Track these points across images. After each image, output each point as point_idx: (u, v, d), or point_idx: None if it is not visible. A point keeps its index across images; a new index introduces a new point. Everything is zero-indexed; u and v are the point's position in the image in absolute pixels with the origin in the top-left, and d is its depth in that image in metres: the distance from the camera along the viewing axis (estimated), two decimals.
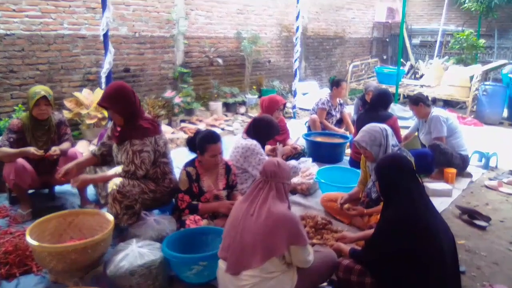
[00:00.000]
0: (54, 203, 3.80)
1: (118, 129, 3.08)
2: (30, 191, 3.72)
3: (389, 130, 3.35)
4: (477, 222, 3.72)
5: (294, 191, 4.18)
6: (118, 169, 2.99)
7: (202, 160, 3.17)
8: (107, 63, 4.69)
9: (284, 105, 4.82)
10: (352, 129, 6.16)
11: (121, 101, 2.95)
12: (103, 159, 3.28)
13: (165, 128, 6.32)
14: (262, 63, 8.97)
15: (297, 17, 7.44)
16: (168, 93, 6.63)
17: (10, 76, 5.14)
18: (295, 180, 4.21)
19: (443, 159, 4.63)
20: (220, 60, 7.49)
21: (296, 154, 4.77)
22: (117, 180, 2.89)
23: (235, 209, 2.39)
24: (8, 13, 5.00)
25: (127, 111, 2.98)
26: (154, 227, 2.86)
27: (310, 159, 4.68)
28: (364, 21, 12.19)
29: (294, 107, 8.03)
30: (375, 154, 3.27)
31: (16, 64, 5.16)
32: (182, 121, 6.91)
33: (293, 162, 3.96)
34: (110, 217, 2.76)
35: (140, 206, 3.02)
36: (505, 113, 8.05)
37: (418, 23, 13.61)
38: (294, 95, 8.06)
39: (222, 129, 6.81)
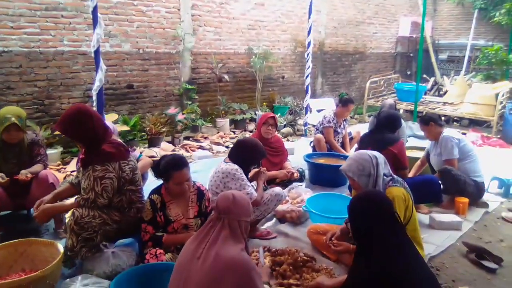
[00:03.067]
0: (29, 226, 3.64)
1: (83, 153, 2.88)
2: (4, 212, 3.58)
3: (381, 158, 2.98)
4: (486, 263, 3.25)
5: (283, 220, 3.87)
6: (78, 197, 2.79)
7: (168, 187, 2.92)
8: (98, 80, 4.56)
9: (273, 118, 4.54)
10: (349, 149, 5.81)
11: (76, 127, 2.72)
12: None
13: (165, 145, 6.17)
14: (275, 79, 8.73)
15: (309, 32, 7.17)
16: (171, 110, 6.49)
17: (7, 93, 5.13)
18: (284, 207, 3.89)
19: (455, 186, 4.19)
20: (226, 76, 7.30)
21: (293, 180, 4.49)
22: (76, 210, 2.69)
23: (183, 250, 2.12)
24: (6, 30, 5.01)
25: (84, 137, 2.76)
26: (109, 262, 2.62)
27: (303, 184, 4.36)
28: (387, 35, 11.77)
29: (306, 124, 7.72)
30: (364, 185, 2.91)
31: (13, 81, 5.15)
32: (186, 138, 6.75)
33: (277, 189, 3.62)
34: (61, 249, 2.55)
35: (102, 238, 2.80)
36: None
37: (446, 37, 13.03)
38: (306, 112, 7.74)
39: (227, 147, 6.57)
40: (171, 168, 2.81)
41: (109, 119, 5.59)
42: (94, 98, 4.65)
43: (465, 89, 8.69)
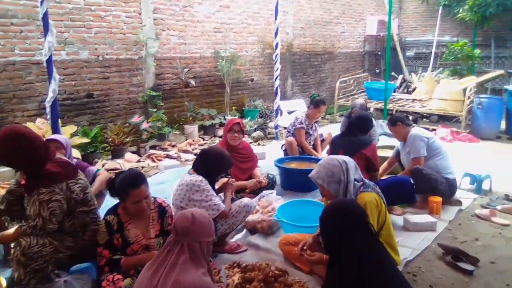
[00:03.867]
0: None
1: (24, 177, 2.56)
2: None
3: (351, 163, 2.85)
4: (463, 265, 3.16)
5: (253, 231, 3.68)
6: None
7: (125, 206, 2.68)
8: (51, 91, 4.28)
9: (239, 124, 4.36)
10: (320, 151, 5.70)
11: (12, 153, 2.42)
12: (13, 211, 2.79)
13: (130, 156, 5.88)
14: (244, 82, 8.55)
15: (276, 34, 7.03)
16: (135, 119, 6.20)
17: None
18: (254, 217, 3.71)
19: (427, 185, 4.11)
20: (193, 81, 7.08)
21: (263, 188, 4.31)
22: (23, 240, 2.42)
23: (138, 279, 1.91)
24: None
25: (23, 162, 2.46)
26: None
27: (274, 192, 4.19)
28: (354, 35, 11.79)
29: (276, 127, 7.56)
30: (334, 192, 2.77)
31: None
32: (153, 147, 6.48)
33: (245, 200, 3.43)
34: (3, 283, 2.28)
35: (54, 266, 2.53)
36: (504, 126, 7.52)
37: (412, 34, 13.19)
38: (276, 115, 7.59)
39: (195, 154, 6.32)
40: (127, 186, 2.58)
41: (67, 131, 5.29)
42: (48, 110, 4.35)
43: (433, 86, 8.75)
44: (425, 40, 12.71)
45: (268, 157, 5.99)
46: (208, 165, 3.28)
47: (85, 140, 5.57)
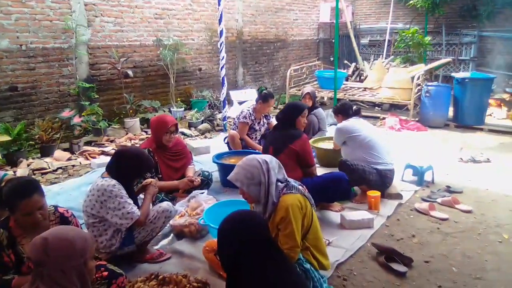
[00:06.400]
0: None
1: None
2: None
3: (273, 163, 2.58)
4: (395, 266, 3.00)
5: (181, 235, 3.39)
6: None
7: (16, 219, 2.32)
8: None
9: (176, 126, 4.04)
10: None
11: None
12: None
13: (60, 154, 5.42)
14: (190, 72, 8.15)
15: (220, 20, 6.67)
16: (65, 113, 5.72)
17: None
18: (181, 221, 3.41)
19: (355, 176, 3.94)
20: (130, 72, 6.62)
21: (197, 188, 4.01)
22: None
23: None
24: None
25: None
26: None
27: (205, 192, 3.90)
28: (308, 22, 11.57)
29: (224, 118, 7.25)
30: (254, 195, 2.52)
31: None
32: (89, 143, 6.02)
33: (164, 205, 3.12)
34: None
35: None
36: (451, 113, 7.52)
37: (366, 22, 13.12)
38: (224, 106, 7.27)
39: None
40: (16, 196, 2.24)
41: None
42: None
43: (383, 73, 8.68)
44: (379, 27, 12.67)
45: (214, 150, 5.69)
46: (123, 168, 2.94)
47: (7, 138, 5.06)
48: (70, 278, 1.59)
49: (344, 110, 4.40)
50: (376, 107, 8.74)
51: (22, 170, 4.91)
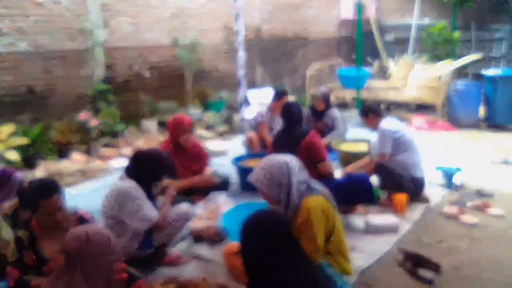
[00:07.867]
0: None
1: None
2: None
3: (294, 163, 2.49)
4: (422, 272, 2.78)
5: (198, 239, 3.29)
6: None
7: (38, 218, 2.36)
8: None
9: (192, 124, 3.95)
10: None
11: None
12: None
13: (77, 156, 5.38)
14: (208, 72, 8.01)
15: (237, 19, 6.53)
16: (82, 116, 5.68)
17: None
18: (198, 224, 3.33)
19: (390, 181, 3.79)
20: (147, 73, 6.55)
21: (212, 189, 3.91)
22: None
23: None
24: None
25: None
26: None
27: (223, 194, 3.80)
28: (329, 19, 11.27)
29: (243, 119, 7.08)
30: (275, 196, 2.44)
31: None
32: (106, 145, 5.97)
33: (184, 206, 3.05)
34: None
35: None
36: (482, 113, 7.13)
37: (391, 18, 12.71)
38: (242, 107, 7.10)
39: None
40: (38, 197, 2.29)
41: (4, 131, 4.79)
42: None
43: (409, 71, 8.31)
44: (405, 23, 12.24)
45: (232, 153, 5.57)
46: (141, 168, 2.89)
47: (25, 140, 5.06)
48: (101, 274, 1.63)
49: (373, 108, 4.10)
50: (402, 106, 8.38)
51: (40, 173, 4.90)
